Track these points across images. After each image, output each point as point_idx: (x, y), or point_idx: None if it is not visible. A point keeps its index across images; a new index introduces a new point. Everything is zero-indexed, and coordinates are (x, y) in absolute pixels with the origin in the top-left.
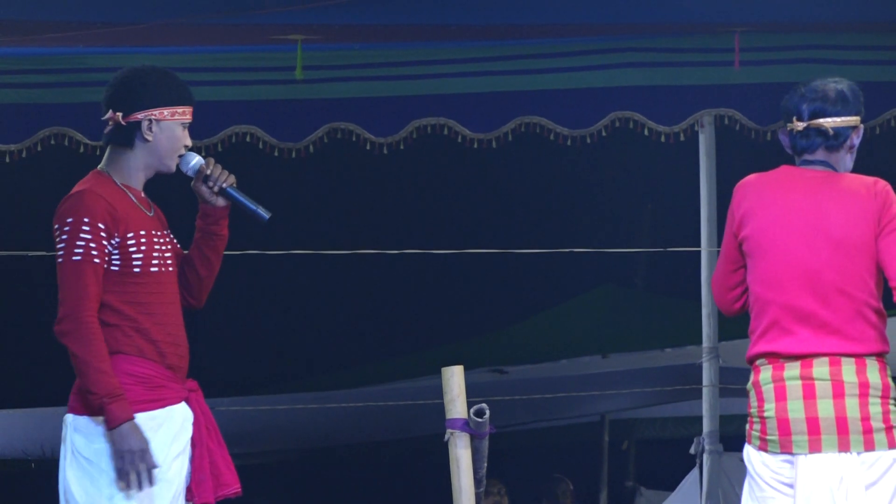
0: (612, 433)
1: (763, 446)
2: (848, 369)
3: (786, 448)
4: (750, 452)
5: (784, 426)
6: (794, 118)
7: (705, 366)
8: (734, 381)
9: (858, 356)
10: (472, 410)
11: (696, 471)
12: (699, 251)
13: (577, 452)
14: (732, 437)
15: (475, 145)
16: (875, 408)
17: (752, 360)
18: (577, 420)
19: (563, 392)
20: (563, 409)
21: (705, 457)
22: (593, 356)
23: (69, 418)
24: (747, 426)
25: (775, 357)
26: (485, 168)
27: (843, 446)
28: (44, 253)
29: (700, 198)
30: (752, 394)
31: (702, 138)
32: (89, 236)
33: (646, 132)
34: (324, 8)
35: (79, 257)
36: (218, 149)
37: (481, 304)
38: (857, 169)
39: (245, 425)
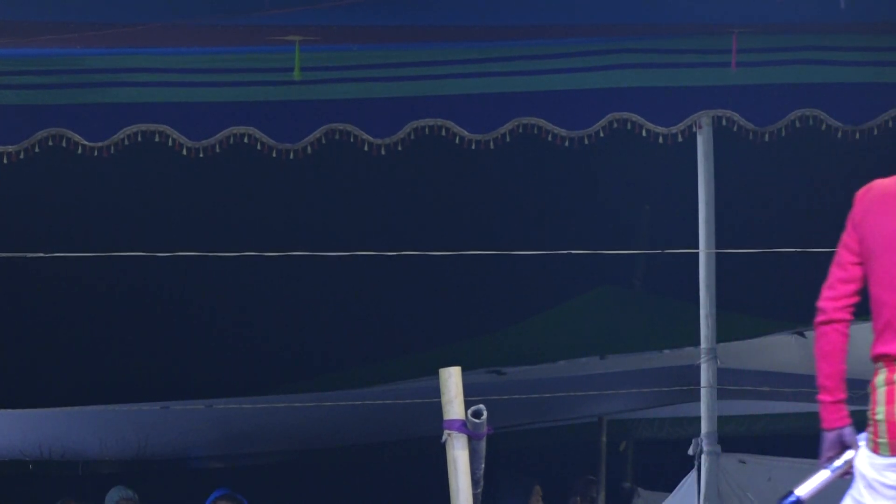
0: (610, 434)
1: (875, 449)
2: None
3: (895, 451)
4: (862, 453)
5: (893, 429)
6: None
7: (703, 367)
8: (732, 383)
9: None
10: (469, 411)
11: (694, 473)
12: (697, 252)
13: (574, 453)
14: (730, 438)
15: (473, 146)
16: None
17: (874, 361)
18: (574, 421)
19: (561, 393)
20: (561, 410)
21: (703, 458)
22: (591, 357)
23: None
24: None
25: (890, 359)
26: (482, 169)
27: None
28: (43, 254)
29: (698, 199)
30: (869, 396)
31: (700, 139)
32: None
33: (643, 133)
34: (322, 9)
35: None
36: (216, 150)
37: (479, 305)
38: (856, 170)
39: (245, 425)
